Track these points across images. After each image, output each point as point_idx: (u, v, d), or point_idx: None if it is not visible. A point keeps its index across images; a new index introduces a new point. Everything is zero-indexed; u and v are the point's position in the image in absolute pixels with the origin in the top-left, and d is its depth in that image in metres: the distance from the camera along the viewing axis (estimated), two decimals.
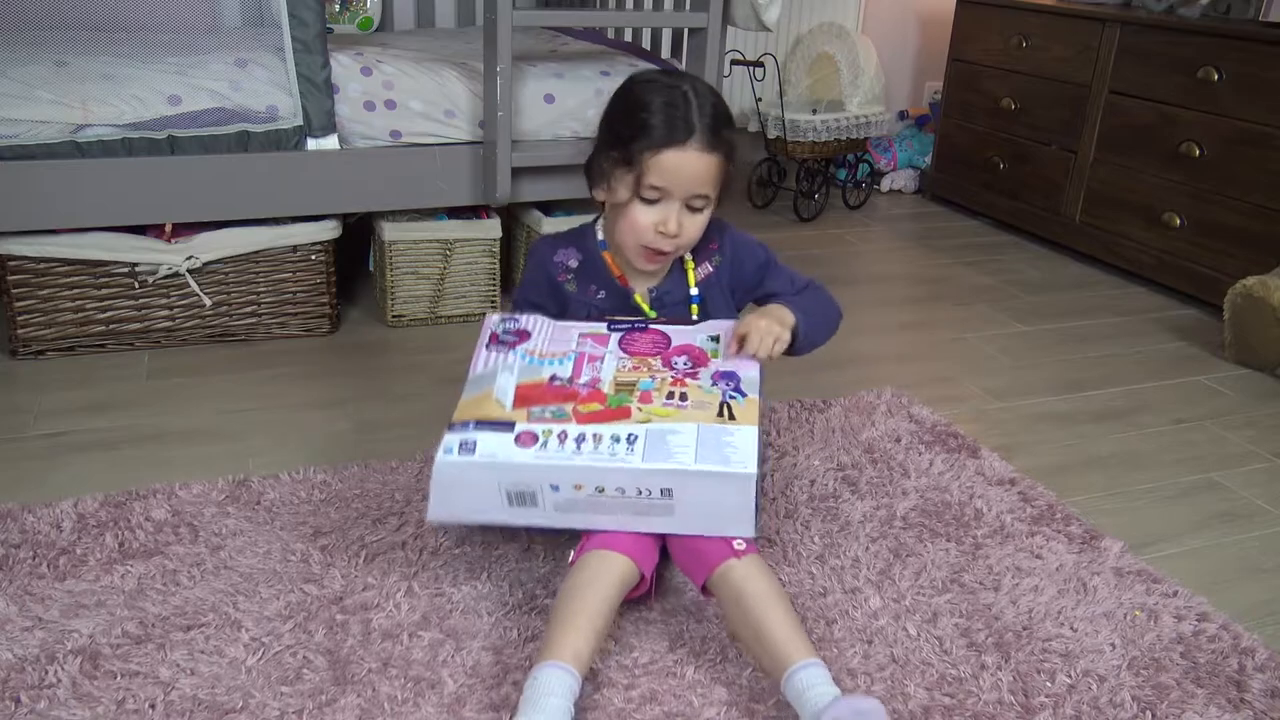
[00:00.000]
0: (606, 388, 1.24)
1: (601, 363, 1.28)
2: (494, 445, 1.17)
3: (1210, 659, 1.24)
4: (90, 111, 1.83)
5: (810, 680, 1.06)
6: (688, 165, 1.23)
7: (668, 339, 1.31)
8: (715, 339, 1.31)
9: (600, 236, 1.39)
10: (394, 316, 2.16)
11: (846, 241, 2.99)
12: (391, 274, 2.12)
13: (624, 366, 1.27)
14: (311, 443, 1.68)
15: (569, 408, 1.21)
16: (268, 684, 1.13)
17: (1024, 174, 3.05)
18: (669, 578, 1.35)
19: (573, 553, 1.23)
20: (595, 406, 1.21)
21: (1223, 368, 2.17)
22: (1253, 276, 2.15)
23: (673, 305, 1.39)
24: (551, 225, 2.15)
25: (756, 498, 1.16)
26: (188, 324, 2.01)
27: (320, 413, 1.79)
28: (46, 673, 1.12)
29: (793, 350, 1.32)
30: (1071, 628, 1.28)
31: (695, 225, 1.29)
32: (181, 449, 1.64)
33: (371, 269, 2.28)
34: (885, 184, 3.56)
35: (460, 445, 1.18)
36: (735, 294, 1.43)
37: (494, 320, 1.36)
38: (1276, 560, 1.49)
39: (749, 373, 1.26)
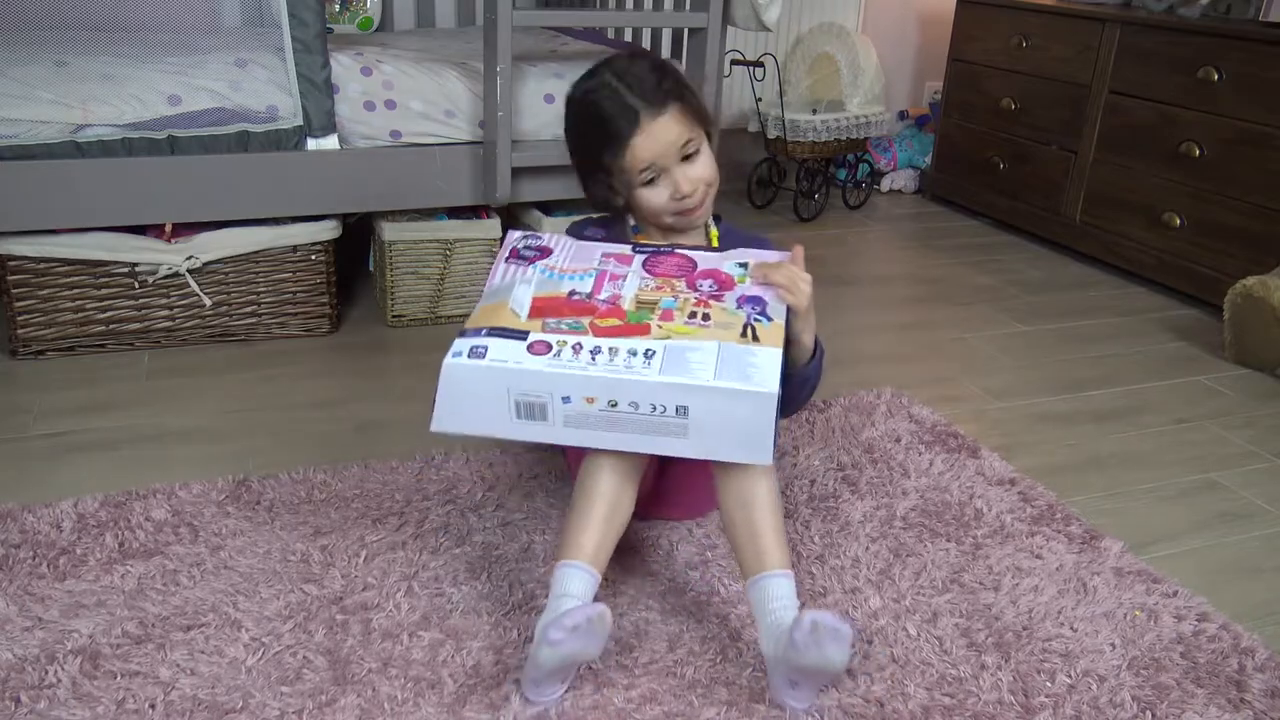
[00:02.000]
0: (627, 304, 1.20)
1: (623, 281, 1.23)
2: (506, 351, 1.13)
3: (1210, 659, 1.24)
4: (90, 111, 1.83)
5: (777, 592, 1.12)
6: (655, 138, 1.25)
7: (693, 263, 1.26)
8: (743, 266, 1.25)
9: (633, 221, 1.41)
10: (394, 316, 2.16)
11: (846, 241, 2.99)
12: (391, 274, 2.12)
13: (646, 286, 1.22)
14: (311, 443, 1.68)
15: (586, 321, 1.17)
16: (268, 684, 1.13)
17: (1024, 174, 3.05)
18: (670, 575, 1.35)
19: None
20: (614, 321, 1.17)
21: (1223, 368, 2.17)
22: (1253, 276, 2.15)
23: None
24: (551, 225, 2.15)
25: (776, 422, 1.12)
26: (188, 324, 2.01)
27: (320, 413, 1.79)
28: (46, 673, 1.12)
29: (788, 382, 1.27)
30: (1071, 628, 1.28)
31: (702, 166, 1.30)
32: (181, 449, 1.64)
33: (371, 269, 2.28)
34: (885, 184, 3.57)
35: (471, 350, 1.14)
36: None
37: (515, 236, 1.32)
38: (1276, 560, 1.49)
39: (776, 300, 1.21)
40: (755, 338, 1.15)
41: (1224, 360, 2.20)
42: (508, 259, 1.28)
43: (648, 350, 1.13)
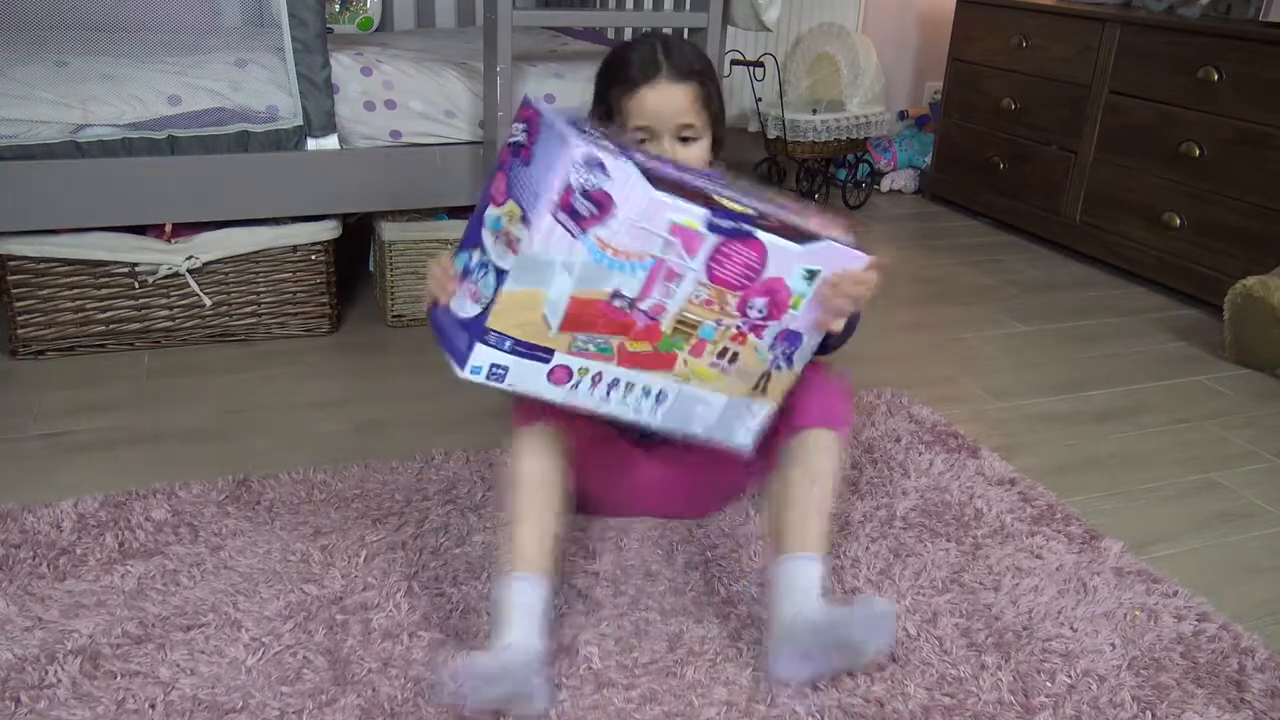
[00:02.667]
0: (666, 324, 1.10)
1: (677, 284, 1.08)
2: (524, 376, 1.08)
3: (1210, 659, 1.24)
4: (90, 111, 1.83)
5: (817, 573, 1.16)
6: (662, 99, 1.26)
7: (763, 262, 1.09)
8: (811, 275, 1.12)
9: None
10: (394, 316, 2.16)
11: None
12: (391, 274, 2.12)
13: (697, 298, 1.09)
14: (311, 443, 1.68)
15: (616, 342, 1.09)
16: (268, 684, 1.13)
17: (1024, 174, 3.05)
18: (670, 575, 1.35)
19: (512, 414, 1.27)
20: (644, 347, 1.11)
21: (1223, 368, 2.17)
22: (1253, 276, 2.15)
23: None
24: None
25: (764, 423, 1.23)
26: (188, 324, 2.01)
27: (320, 413, 1.79)
28: (46, 673, 1.12)
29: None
30: (1071, 628, 1.28)
31: (693, 154, 1.30)
32: (181, 449, 1.64)
33: (371, 269, 2.28)
34: (885, 184, 3.57)
35: (491, 369, 1.07)
36: None
37: (576, 155, 0.97)
38: (1276, 560, 1.49)
39: (812, 339, 1.18)
40: (765, 390, 1.20)
41: (1224, 360, 2.20)
42: (560, 207, 0.99)
43: (660, 393, 1.15)
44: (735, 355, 1.16)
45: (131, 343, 1.99)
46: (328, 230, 2.05)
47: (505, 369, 1.08)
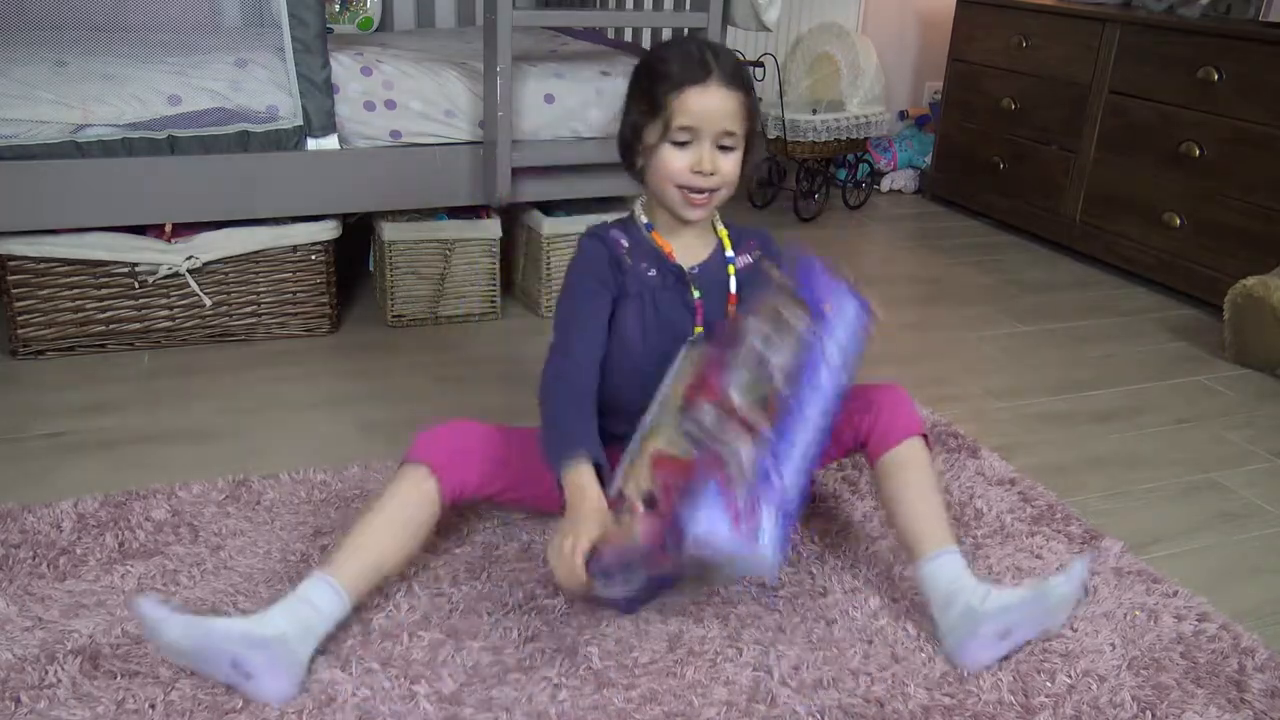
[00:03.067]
0: None
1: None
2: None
3: (1210, 659, 1.24)
4: (90, 111, 1.83)
5: (955, 567, 1.22)
6: (712, 101, 1.26)
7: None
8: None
9: (645, 220, 1.38)
10: (394, 316, 2.16)
11: (847, 241, 2.99)
12: (391, 274, 2.12)
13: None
14: (311, 443, 1.68)
15: None
16: None
17: (1024, 174, 3.05)
18: None
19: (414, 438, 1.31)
20: None
21: (1223, 368, 2.17)
22: (1253, 276, 2.15)
23: (714, 281, 1.38)
24: (551, 225, 2.15)
25: None
26: (188, 324, 2.01)
27: (320, 413, 1.79)
28: (46, 673, 1.12)
29: None
30: (1071, 628, 1.28)
31: (730, 164, 1.30)
32: (181, 449, 1.64)
33: (371, 269, 2.28)
34: (885, 184, 3.57)
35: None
36: None
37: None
38: (1276, 560, 1.49)
39: None
40: None
41: (1224, 360, 2.20)
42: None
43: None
44: None
45: (131, 343, 1.99)
46: (328, 230, 2.04)
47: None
